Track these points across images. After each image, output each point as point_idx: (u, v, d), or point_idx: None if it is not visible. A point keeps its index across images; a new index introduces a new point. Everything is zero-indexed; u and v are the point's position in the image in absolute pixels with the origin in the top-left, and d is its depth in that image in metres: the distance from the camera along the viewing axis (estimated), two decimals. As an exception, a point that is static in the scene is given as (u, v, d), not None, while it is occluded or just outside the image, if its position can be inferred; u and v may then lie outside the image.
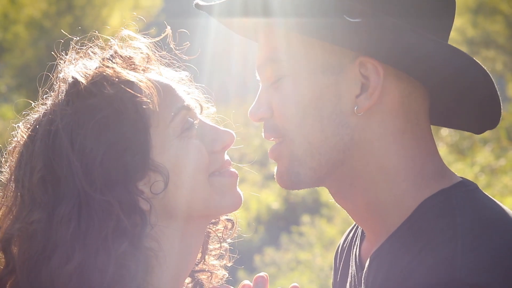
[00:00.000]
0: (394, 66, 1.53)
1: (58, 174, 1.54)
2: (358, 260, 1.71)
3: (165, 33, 1.77)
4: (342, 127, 1.56)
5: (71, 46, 1.70)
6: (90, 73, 1.61)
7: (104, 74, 1.59)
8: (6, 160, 1.66)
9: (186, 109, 1.65)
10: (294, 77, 1.58)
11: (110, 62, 1.63)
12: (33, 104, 1.70)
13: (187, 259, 1.68)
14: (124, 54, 1.67)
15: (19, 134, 1.64)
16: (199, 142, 1.65)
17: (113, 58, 1.65)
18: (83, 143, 1.54)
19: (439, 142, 14.92)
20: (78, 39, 1.71)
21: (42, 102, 1.68)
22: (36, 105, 1.69)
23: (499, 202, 1.53)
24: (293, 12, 1.52)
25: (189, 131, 1.64)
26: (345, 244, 1.87)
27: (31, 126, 1.63)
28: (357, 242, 1.77)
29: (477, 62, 1.52)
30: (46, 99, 1.67)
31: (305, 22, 1.51)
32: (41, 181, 1.55)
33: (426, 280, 1.35)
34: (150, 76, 1.66)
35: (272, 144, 1.67)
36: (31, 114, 1.67)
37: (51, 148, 1.56)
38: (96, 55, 1.67)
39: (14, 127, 1.66)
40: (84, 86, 1.58)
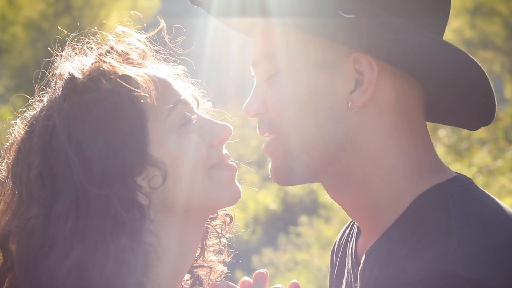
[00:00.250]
0: (389, 62, 1.52)
1: (55, 169, 1.53)
2: (354, 256, 1.70)
3: (159, 27, 1.76)
4: (337, 123, 1.55)
5: (67, 43, 1.70)
6: (87, 68, 1.60)
7: (100, 69, 1.59)
8: (4, 157, 1.66)
9: (183, 103, 1.65)
10: (289, 72, 1.57)
11: (106, 57, 1.63)
12: (29, 101, 1.69)
13: (187, 254, 1.68)
14: (120, 50, 1.66)
15: (16, 130, 1.64)
16: (197, 137, 1.65)
17: (109, 54, 1.65)
18: (81, 138, 1.53)
19: (437, 143, 14.92)
20: (75, 35, 1.71)
21: (39, 98, 1.67)
22: (32, 101, 1.68)
23: (494, 197, 1.54)
24: (288, 7, 1.51)
25: (186, 126, 1.64)
26: (341, 240, 1.87)
27: (28, 122, 1.62)
28: (353, 239, 1.77)
29: (471, 57, 1.52)
30: (42, 96, 1.66)
31: (300, 17, 1.51)
32: (38, 177, 1.54)
33: (420, 274, 1.35)
34: (147, 71, 1.65)
35: (267, 140, 1.66)
36: (28, 111, 1.66)
37: (49, 144, 1.55)
38: (92, 51, 1.67)
39: (12, 125, 1.65)
40: (81, 81, 1.58)
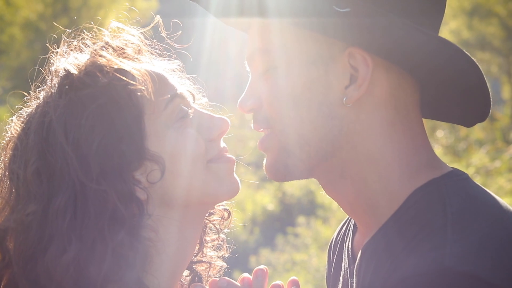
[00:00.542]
0: (383, 57, 1.52)
1: (52, 165, 1.53)
2: (350, 252, 1.70)
3: (154, 22, 1.77)
4: (332, 118, 1.54)
5: (63, 39, 1.70)
6: (83, 64, 1.60)
7: (96, 64, 1.59)
8: (1, 155, 1.65)
9: (179, 97, 1.65)
10: (284, 67, 1.57)
11: (102, 52, 1.63)
12: (25, 98, 1.69)
13: (186, 250, 1.68)
14: (115, 45, 1.66)
15: (13, 127, 1.64)
16: (195, 131, 1.65)
17: (105, 49, 1.65)
18: (78, 134, 1.53)
19: (435, 144, 14.94)
20: (71, 31, 1.71)
21: (35, 96, 1.67)
22: (29, 99, 1.68)
23: (490, 192, 1.53)
24: (283, 2, 1.50)
25: (184, 120, 1.64)
26: (338, 237, 1.88)
27: (25, 119, 1.62)
28: (349, 235, 1.77)
29: (466, 53, 1.51)
30: (39, 93, 1.66)
31: (295, 12, 1.50)
32: (35, 173, 1.54)
33: (416, 268, 1.35)
34: (143, 65, 1.65)
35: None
36: (25, 108, 1.66)
37: (45, 139, 1.55)
38: (87, 48, 1.67)
39: (9, 123, 1.65)
40: (77, 77, 1.58)
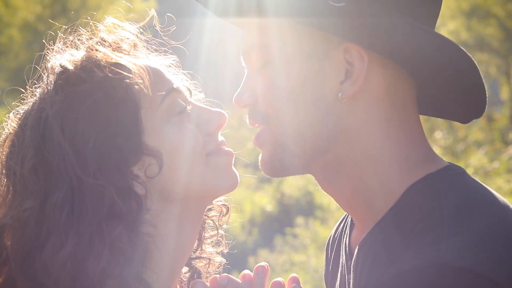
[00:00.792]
0: (379, 53, 1.51)
1: (49, 161, 1.53)
2: (348, 248, 1.70)
3: (150, 16, 1.76)
4: (327, 114, 1.54)
5: (58, 35, 1.70)
6: (78, 59, 1.60)
7: (93, 59, 1.59)
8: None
9: (176, 91, 1.65)
10: (280, 63, 1.56)
11: (98, 47, 1.62)
12: (22, 95, 1.69)
13: (185, 245, 1.67)
14: (111, 40, 1.66)
15: (10, 124, 1.63)
16: (193, 126, 1.65)
17: (100, 44, 1.64)
18: (74, 129, 1.53)
19: (433, 145, 14.95)
20: (67, 27, 1.71)
21: (32, 93, 1.66)
22: (26, 96, 1.68)
23: (487, 186, 1.52)
24: None
25: (181, 115, 1.64)
26: (336, 234, 1.87)
27: (21, 116, 1.62)
28: (347, 231, 1.77)
29: (461, 48, 1.50)
30: (35, 90, 1.66)
31: (290, 7, 1.49)
32: (32, 169, 1.54)
33: (412, 263, 1.35)
34: (139, 60, 1.65)
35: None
36: (22, 106, 1.66)
37: (42, 135, 1.55)
38: (83, 44, 1.66)
39: (6, 121, 1.65)
40: (73, 72, 1.57)
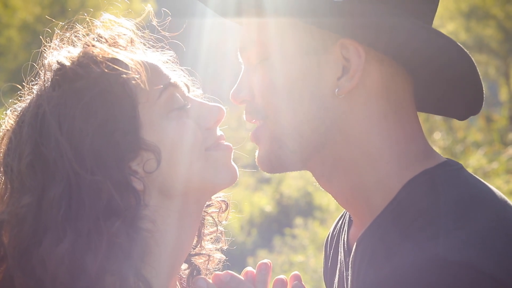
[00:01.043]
0: (375, 49, 1.51)
1: (46, 157, 1.52)
2: (346, 245, 1.70)
3: (146, 12, 1.76)
4: (324, 110, 1.54)
5: (55, 32, 1.70)
6: (75, 55, 1.60)
7: (89, 55, 1.59)
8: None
9: (173, 86, 1.65)
10: (277, 58, 1.56)
11: (95, 42, 1.62)
12: (19, 92, 1.68)
13: (184, 241, 1.67)
14: (107, 36, 1.66)
15: (7, 121, 1.63)
16: (192, 121, 1.65)
17: (97, 40, 1.64)
18: (72, 125, 1.53)
19: (432, 146, 14.91)
20: (64, 24, 1.71)
21: (29, 90, 1.66)
22: (23, 93, 1.68)
23: (484, 181, 1.52)
24: None
25: (179, 111, 1.64)
26: (334, 231, 1.87)
27: (19, 113, 1.62)
28: (345, 228, 1.76)
29: (459, 45, 1.50)
30: (32, 87, 1.66)
31: (288, 3, 1.49)
32: (30, 165, 1.53)
33: (410, 259, 1.35)
34: (136, 56, 1.65)
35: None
36: (19, 103, 1.66)
37: (39, 131, 1.55)
38: (79, 41, 1.66)
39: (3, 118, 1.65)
40: (70, 68, 1.57)
